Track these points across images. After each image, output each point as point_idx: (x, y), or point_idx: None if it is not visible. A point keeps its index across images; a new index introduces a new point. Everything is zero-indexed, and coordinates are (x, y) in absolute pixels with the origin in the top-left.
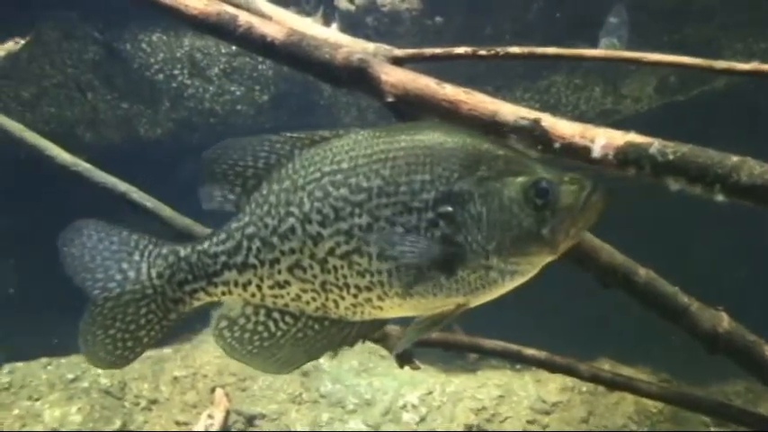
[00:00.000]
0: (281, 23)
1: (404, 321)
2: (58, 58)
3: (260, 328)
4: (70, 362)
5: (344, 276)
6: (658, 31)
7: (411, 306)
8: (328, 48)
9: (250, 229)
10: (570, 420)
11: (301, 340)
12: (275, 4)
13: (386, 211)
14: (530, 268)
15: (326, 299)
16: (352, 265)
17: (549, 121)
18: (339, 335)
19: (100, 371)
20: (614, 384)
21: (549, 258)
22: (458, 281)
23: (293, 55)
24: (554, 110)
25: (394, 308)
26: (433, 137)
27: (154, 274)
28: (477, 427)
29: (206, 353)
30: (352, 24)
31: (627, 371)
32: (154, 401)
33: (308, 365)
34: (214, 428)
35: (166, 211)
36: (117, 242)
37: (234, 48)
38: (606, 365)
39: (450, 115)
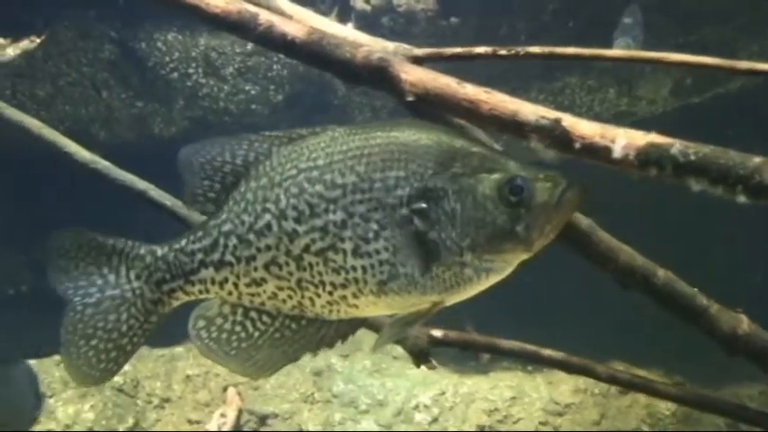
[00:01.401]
0: (301, 22)
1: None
2: (74, 56)
3: (237, 328)
4: None
5: (320, 273)
6: (673, 32)
7: (386, 304)
8: (349, 47)
9: (227, 227)
10: (582, 422)
11: (279, 341)
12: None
13: (360, 208)
14: (505, 266)
15: (302, 297)
16: (327, 262)
17: (570, 121)
18: (317, 335)
19: None
20: (632, 385)
21: (523, 256)
22: (432, 278)
23: (313, 54)
24: (568, 111)
25: (369, 306)
26: (408, 134)
27: (132, 275)
28: (489, 428)
29: None
30: (368, 24)
31: (640, 373)
32: (166, 400)
33: (321, 365)
34: (226, 427)
35: (184, 210)
36: (96, 248)
37: (249, 47)
38: (620, 368)
39: (470, 115)
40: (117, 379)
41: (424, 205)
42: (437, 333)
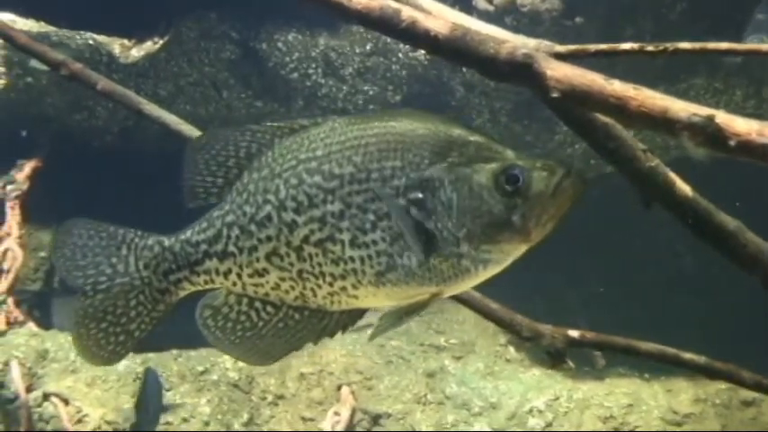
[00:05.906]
0: (440, 18)
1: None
2: (196, 57)
3: (242, 317)
4: (200, 354)
5: (319, 264)
6: None
7: (385, 295)
8: (493, 43)
9: (229, 218)
10: None
11: (282, 330)
12: None
13: (357, 198)
14: (502, 257)
15: (304, 287)
16: (326, 253)
17: (724, 118)
18: (319, 325)
19: (228, 365)
20: None
21: (522, 247)
22: (430, 269)
23: (457, 50)
24: None
25: (368, 297)
26: (405, 123)
27: (141, 265)
28: None
29: (332, 351)
30: (490, 24)
31: None
32: (280, 397)
33: (434, 366)
34: (340, 426)
35: None
36: (105, 237)
37: (368, 47)
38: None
39: (617, 112)
40: (232, 374)
41: (420, 195)
42: (574, 333)
